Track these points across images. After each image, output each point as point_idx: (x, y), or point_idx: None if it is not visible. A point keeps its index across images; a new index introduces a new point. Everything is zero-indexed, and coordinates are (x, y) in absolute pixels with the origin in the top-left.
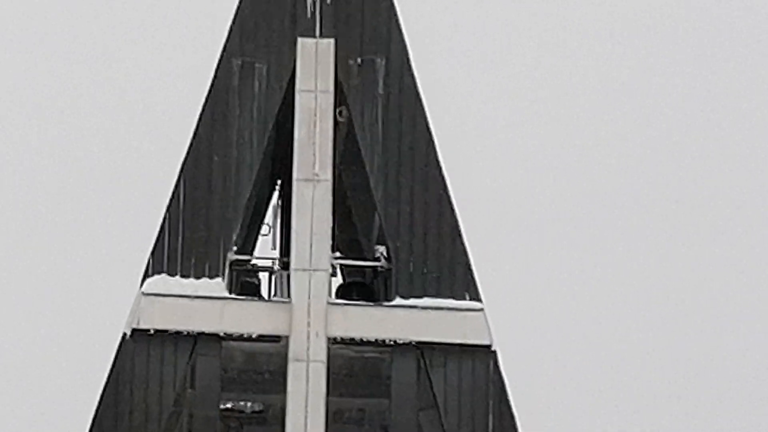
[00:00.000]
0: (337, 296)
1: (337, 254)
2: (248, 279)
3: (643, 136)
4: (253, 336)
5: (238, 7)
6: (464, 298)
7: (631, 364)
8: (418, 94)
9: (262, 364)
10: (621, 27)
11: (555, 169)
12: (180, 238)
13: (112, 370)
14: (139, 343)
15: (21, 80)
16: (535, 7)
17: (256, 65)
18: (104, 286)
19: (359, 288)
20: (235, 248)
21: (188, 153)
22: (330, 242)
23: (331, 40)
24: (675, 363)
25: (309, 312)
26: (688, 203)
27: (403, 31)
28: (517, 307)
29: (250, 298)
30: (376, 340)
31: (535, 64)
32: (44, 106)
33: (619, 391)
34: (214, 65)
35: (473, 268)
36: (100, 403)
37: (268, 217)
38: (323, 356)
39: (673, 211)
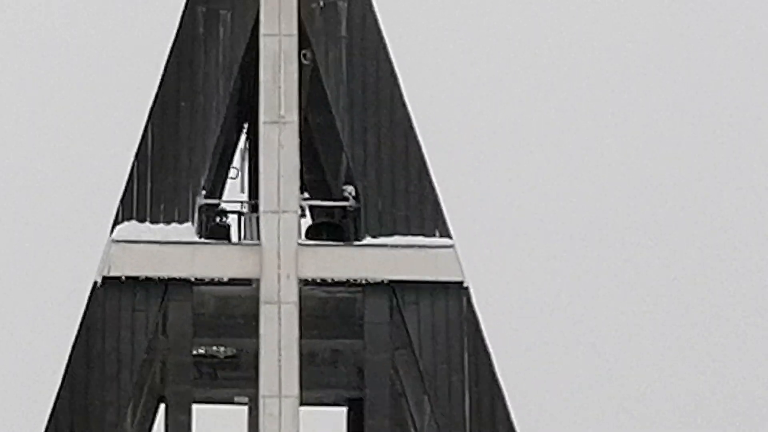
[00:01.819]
0: (307, 237)
1: (306, 195)
2: (218, 223)
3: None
4: (224, 280)
5: None
6: (434, 235)
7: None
8: (380, 34)
9: (234, 308)
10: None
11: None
12: (149, 184)
13: (83, 319)
14: (110, 291)
15: None
16: None
17: (221, 12)
18: (73, 234)
19: (329, 228)
20: (204, 192)
21: (155, 100)
22: (298, 184)
23: None
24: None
25: (279, 254)
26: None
27: None
28: (491, 243)
29: (220, 241)
30: (348, 280)
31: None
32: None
33: (591, 327)
34: (179, 14)
35: (442, 204)
36: (72, 352)
37: (236, 161)
38: (295, 298)
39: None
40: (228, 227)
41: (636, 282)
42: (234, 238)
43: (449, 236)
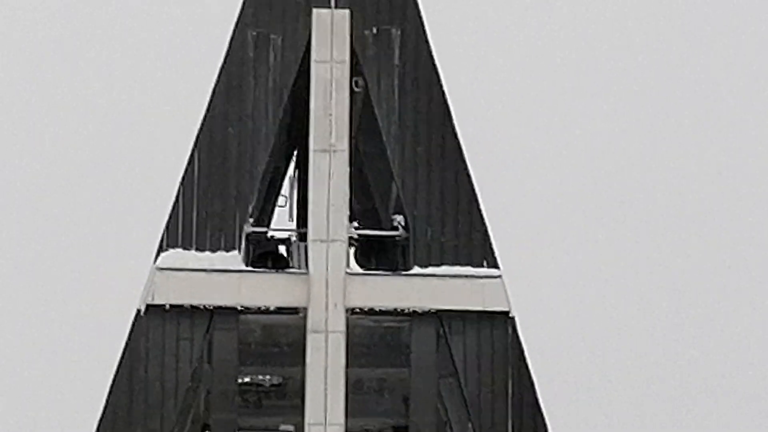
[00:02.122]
0: (356, 259)
1: (355, 224)
2: (265, 251)
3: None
4: (271, 308)
5: None
6: (482, 266)
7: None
8: (434, 63)
9: (281, 337)
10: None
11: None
12: (195, 211)
13: (126, 347)
14: (153, 319)
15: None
16: None
17: (271, 36)
18: (118, 261)
19: (378, 250)
20: (251, 220)
21: (203, 125)
22: (347, 213)
23: (347, 11)
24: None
25: (327, 283)
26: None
27: (419, 1)
28: (536, 274)
29: (267, 270)
30: (395, 309)
31: (554, 30)
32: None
33: (636, 357)
34: (228, 37)
35: (491, 235)
36: (114, 380)
37: (285, 189)
38: (342, 327)
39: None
40: (275, 256)
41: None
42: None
43: (497, 266)
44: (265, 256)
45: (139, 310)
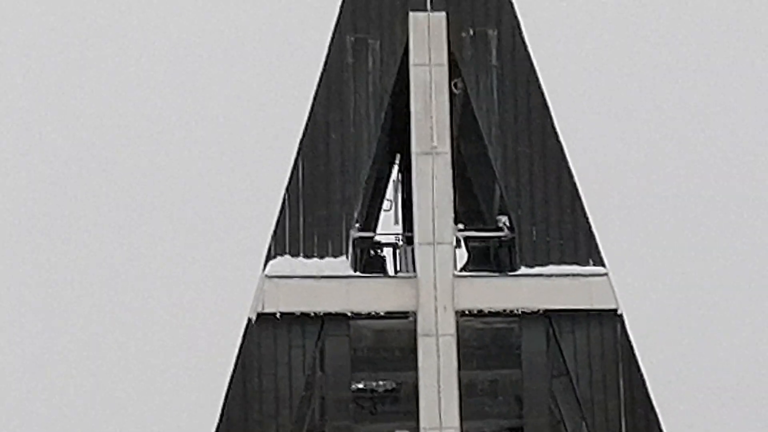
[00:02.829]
0: (466, 268)
1: (460, 226)
2: (373, 255)
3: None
4: (381, 313)
5: None
6: (588, 264)
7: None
8: (531, 63)
9: (392, 342)
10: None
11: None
12: (301, 218)
13: (238, 357)
14: (265, 328)
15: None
16: None
17: (369, 41)
18: (228, 271)
19: (485, 255)
20: (357, 225)
21: (305, 132)
22: (452, 215)
23: (443, 14)
24: None
25: (435, 286)
26: None
27: (514, 2)
28: (643, 270)
29: (375, 275)
30: (504, 310)
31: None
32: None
33: (747, 351)
34: (327, 43)
35: (595, 233)
36: (229, 390)
37: (389, 193)
38: (452, 330)
39: None
40: (383, 260)
41: None
42: (389, 270)
43: (603, 264)
44: (373, 262)
45: (250, 319)
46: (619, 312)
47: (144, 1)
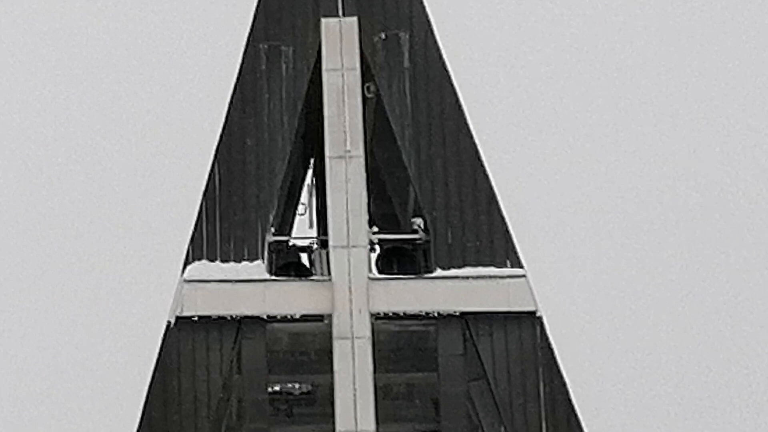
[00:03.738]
0: (378, 267)
1: (375, 229)
2: (288, 259)
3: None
4: (297, 316)
5: None
6: (505, 265)
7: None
8: (444, 65)
9: (308, 345)
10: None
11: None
12: (218, 223)
13: (158, 360)
14: (183, 331)
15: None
16: None
17: (282, 48)
18: (145, 275)
19: (399, 255)
20: (272, 230)
21: (221, 139)
22: (366, 218)
23: (354, 18)
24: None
25: (350, 289)
26: None
27: (425, 4)
28: (561, 271)
29: (291, 278)
30: (420, 312)
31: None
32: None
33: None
34: (241, 51)
35: (512, 234)
36: (149, 392)
37: (304, 197)
38: (368, 332)
39: None
40: (298, 264)
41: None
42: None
43: (521, 266)
44: (288, 265)
45: (169, 323)
46: (538, 314)
47: (53, 3)
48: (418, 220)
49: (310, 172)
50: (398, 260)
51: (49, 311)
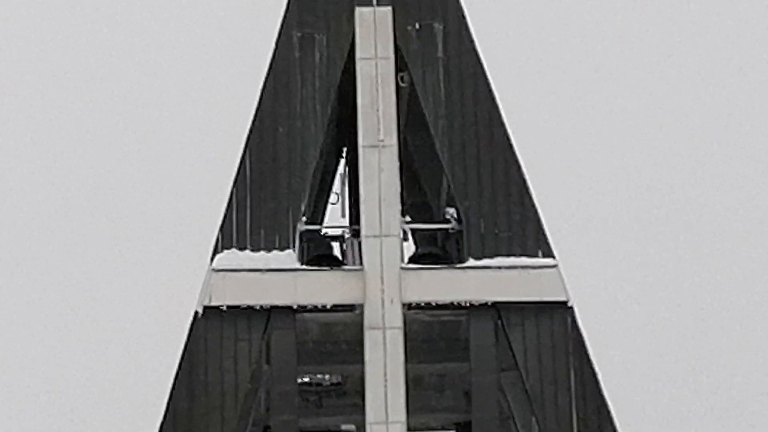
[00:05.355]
0: (413, 259)
1: (407, 219)
2: (319, 249)
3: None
4: (328, 306)
5: None
6: (537, 255)
7: (718, 313)
8: (477, 55)
9: (338, 335)
10: None
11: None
12: (248, 212)
13: (185, 350)
14: (211, 321)
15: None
16: None
17: (316, 36)
18: (174, 264)
19: (433, 247)
20: (304, 218)
21: (252, 126)
22: (399, 207)
23: (389, 8)
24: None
25: (382, 278)
26: None
27: None
28: (593, 261)
29: (322, 268)
30: (452, 302)
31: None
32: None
33: (701, 343)
34: (274, 38)
35: (544, 224)
36: (175, 383)
37: (336, 186)
38: (399, 322)
39: None
40: (330, 253)
41: (759, 300)
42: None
43: (552, 256)
44: (320, 257)
45: (197, 312)
46: (569, 304)
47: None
48: (451, 210)
49: (342, 161)
50: (433, 251)
51: (77, 303)
